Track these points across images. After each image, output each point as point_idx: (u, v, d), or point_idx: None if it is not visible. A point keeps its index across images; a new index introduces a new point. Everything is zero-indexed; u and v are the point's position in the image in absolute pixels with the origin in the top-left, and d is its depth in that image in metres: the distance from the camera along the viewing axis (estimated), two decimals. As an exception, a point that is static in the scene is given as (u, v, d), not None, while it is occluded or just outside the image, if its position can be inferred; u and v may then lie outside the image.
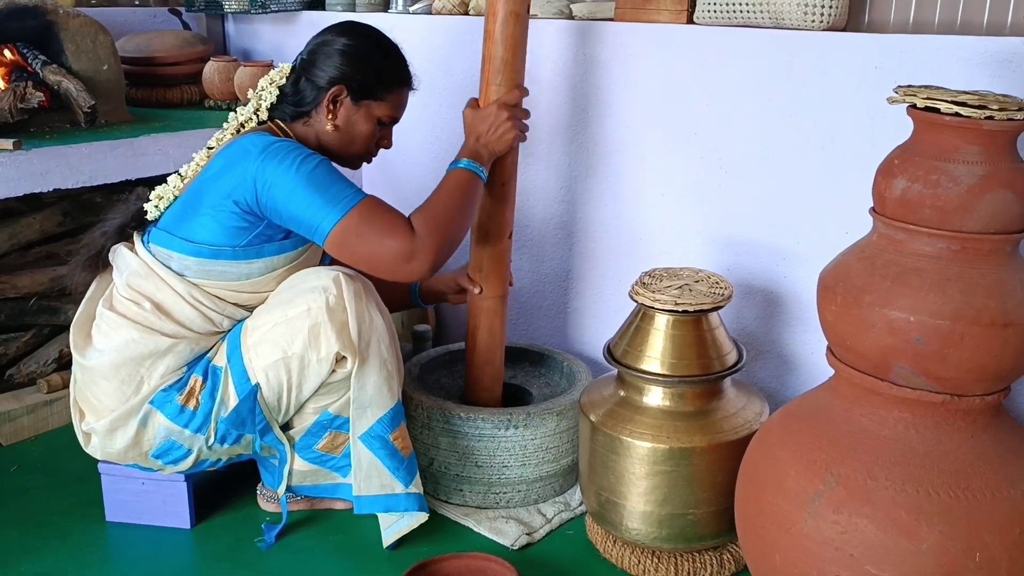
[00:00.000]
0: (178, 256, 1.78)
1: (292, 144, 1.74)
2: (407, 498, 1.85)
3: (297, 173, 1.68)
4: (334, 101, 1.83)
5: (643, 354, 1.75)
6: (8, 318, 2.37)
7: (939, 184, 1.32)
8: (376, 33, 1.90)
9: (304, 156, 1.71)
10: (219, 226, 1.75)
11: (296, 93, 1.85)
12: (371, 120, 1.87)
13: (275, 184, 1.69)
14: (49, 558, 1.85)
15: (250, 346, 1.78)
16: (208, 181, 1.77)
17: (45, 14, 2.50)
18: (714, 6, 2.03)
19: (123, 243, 1.86)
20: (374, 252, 1.70)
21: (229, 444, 1.83)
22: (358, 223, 1.69)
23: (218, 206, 1.74)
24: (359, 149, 1.90)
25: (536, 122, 2.42)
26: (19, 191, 2.20)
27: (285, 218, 1.72)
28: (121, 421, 1.79)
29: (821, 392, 1.55)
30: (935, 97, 1.32)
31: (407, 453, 1.86)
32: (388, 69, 1.87)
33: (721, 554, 1.82)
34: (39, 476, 2.15)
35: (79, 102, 2.44)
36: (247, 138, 1.76)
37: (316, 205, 1.68)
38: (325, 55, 1.83)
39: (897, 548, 1.31)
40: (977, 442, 1.37)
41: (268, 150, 1.71)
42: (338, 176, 1.72)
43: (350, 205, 1.69)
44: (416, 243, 1.69)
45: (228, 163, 1.75)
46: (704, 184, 2.11)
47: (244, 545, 1.91)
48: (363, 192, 1.73)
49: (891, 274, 1.35)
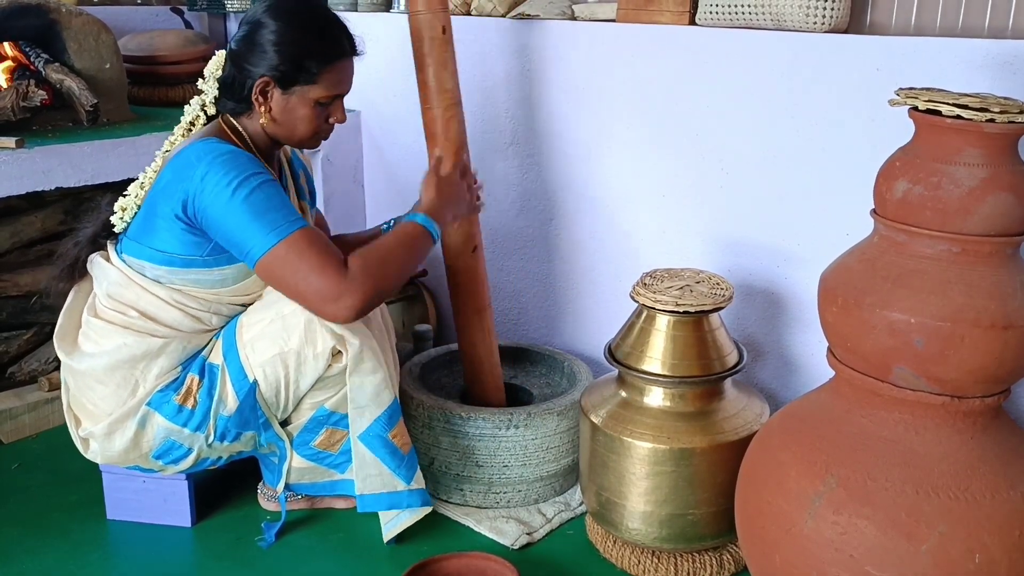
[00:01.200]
0: (150, 266, 1.76)
1: (234, 161, 1.67)
2: (409, 495, 1.86)
3: (232, 197, 1.64)
4: (263, 93, 1.74)
5: (644, 355, 1.75)
6: (10, 316, 2.37)
7: (940, 186, 1.32)
8: (307, 11, 1.77)
9: (243, 178, 1.65)
10: (176, 238, 1.72)
11: (231, 86, 1.78)
12: (307, 104, 1.76)
13: (210, 205, 1.65)
14: (50, 556, 1.86)
15: (246, 343, 1.78)
16: (159, 193, 1.72)
17: (48, 12, 2.50)
18: (716, 7, 2.03)
19: (98, 253, 1.85)
20: (300, 285, 1.66)
21: (229, 441, 1.83)
22: (286, 253, 1.64)
23: (169, 219, 1.71)
24: (305, 132, 1.80)
25: (537, 123, 2.42)
26: (21, 189, 2.20)
27: (219, 238, 1.69)
28: (119, 424, 1.79)
29: (821, 393, 1.55)
30: (936, 99, 1.32)
31: (406, 450, 1.86)
32: (316, 50, 1.74)
33: (721, 554, 1.82)
34: (40, 474, 2.15)
35: (81, 100, 2.44)
36: (192, 148, 1.70)
37: (249, 231, 1.64)
38: (252, 44, 1.73)
39: (897, 549, 1.32)
40: (977, 444, 1.37)
41: (211, 166, 1.65)
42: (277, 203, 1.67)
43: (284, 234, 1.64)
44: (345, 285, 1.65)
45: (174, 176, 1.70)
46: (705, 185, 2.11)
47: (245, 543, 1.91)
48: (301, 221, 1.68)
49: (892, 276, 1.36)
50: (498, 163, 2.54)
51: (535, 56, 2.37)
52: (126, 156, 2.37)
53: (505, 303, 2.63)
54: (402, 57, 2.68)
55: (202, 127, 1.83)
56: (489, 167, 2.57)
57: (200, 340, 1.82)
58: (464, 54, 2.53)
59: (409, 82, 2.68)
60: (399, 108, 2.12)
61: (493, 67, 2.47)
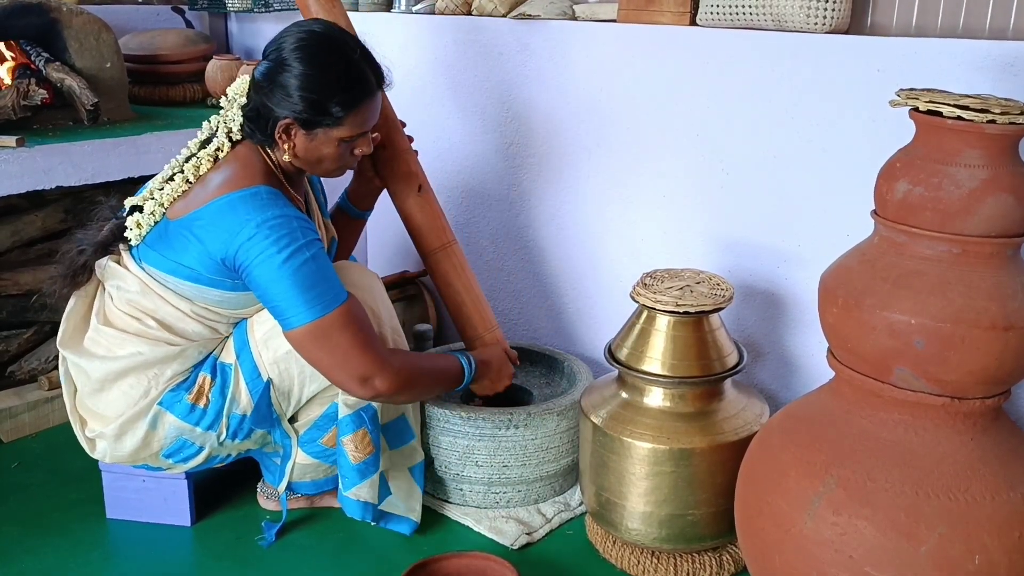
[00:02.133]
0: (174, 280, 1.74)
1: (286, 227, 1.65)
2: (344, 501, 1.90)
3: (282, 267, 1.63)
4: (286, 132, 1.73)
5: (644, 355, 1.75)
6: (10, 315, 2.37)
7: (941, 187, 1.32)
8: (334, 52, 1.73)
9: (294, 249, 1.64)
10: (204, 266, 1.71)
11: (255, 120, 1.75)
12: (331, 143, 1.75)
13: (255, 267, 1.65)
14: (50, 555, 1.86)
15: (259, 340, 1.78)
16: (194, 227, 1.70)
17: (49, 12, 2.51)
18: (717, 8, 2.03)
19: (109, 257, 1.81)
20: (336, 359, 1.68)
21: (241, 439, 1.83)
22: (328, 330, 1.66)
23: (204, 253, 1.69)
24: (330, 167, 1.81)
25: (538, 122, 2.42)
26: (22, 188, 2.20)
27: (258, 296, 1.70)
28: (130, 425, 1.78)
29: (821, 394, 1.55)
30: (937, 100, 1.32)
31: (355, 460, 1.85)
32: (340, 95, 1.71)
33: (720, 555, 1.82)
34: (40, 473, 2.15)
35: (82, 100, 2.44)
36: (240, 201, 1.67)
37: (292, 302, 1.64)
38: (276, 84, 1.71)
39: (896, 550, 1.32)
40: (977, 445, 1.37)
41: (259, 229, 1.64)
42: (323, 275, 1.67)
43: (326, 311, 1.65)
44: (377, 369, 1.69)
45: (217, 224, 1.68)
46: (706, 186, 2.11)
47: (244, 543, 1.91)
48: (342, 295, 1.68)
49: (892, 277, 1.36)
50: (498, 163, 2.54)
51: (536, 56, 2.37)
52: (127, 155, 2.37)
53: (505, 303, 2.64)
54: (403, 57, 2.68)
55: (232, 153, 1.77)
56: (489, 167, 2.57)
57: (213, 344, 1.82)
58: (464, 54, 2.53)
59: (410, 82, 2.69)
60: (400, 106, 2.12)
61: (493, 67, 2.47)
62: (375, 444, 1.85)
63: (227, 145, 1.78)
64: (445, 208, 2.18)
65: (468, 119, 2.58)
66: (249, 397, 1.79)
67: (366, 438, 1.84)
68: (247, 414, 1.81)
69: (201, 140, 1.81)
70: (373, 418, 1.84)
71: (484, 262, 2.64)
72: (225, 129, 1.78)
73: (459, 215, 2.66)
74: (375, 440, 1.85)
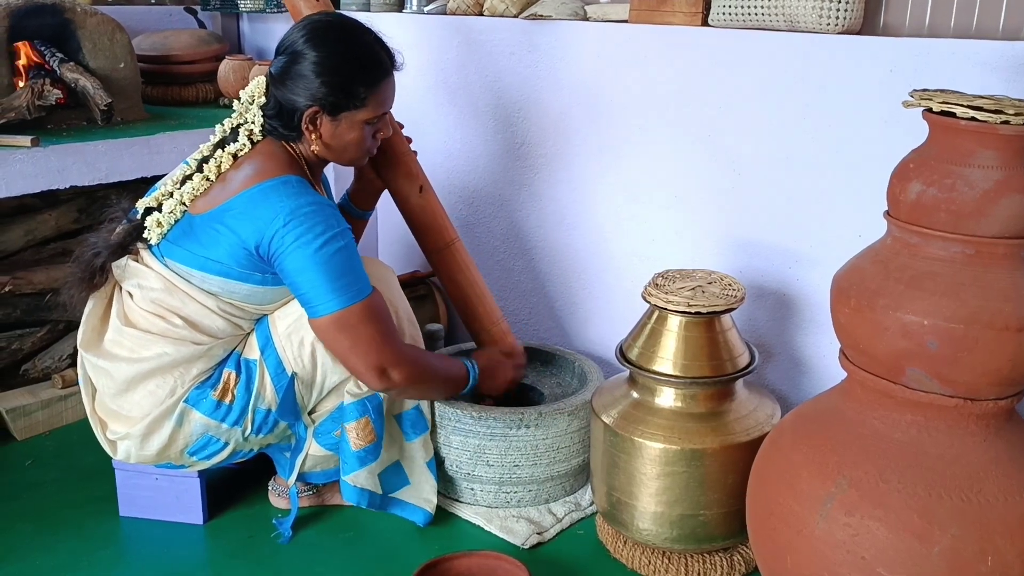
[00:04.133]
0: (200, 275, 1.75)
1: (320, 214, 1.68)
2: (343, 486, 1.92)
3: (315, 255, 1.66)
4: (312, 122, 1.77)
5: (655, 355, 1.75)
6: (24, 313, 2.39)
7: (954, 188, 1.32)
8: (346, 35, 1.79)
9: (328, 237, 1.67)
10: (233, 258, 1.72)
11: (277, 116, 1.78)
12: (356, 127, 1.79)
13: (288, 254, 1.67)
14: (63, 552, 1.87)
15: (281, 335, 1.79)
16: (226, 218, 1.71)
17: (63, 12, 2.52)
18: (729, 8, 2.03)
19: (128, 256, 1.81)
20: (356, 349, 1.71)
21: (264, 434, 1.85)
22: (353, 320, 1.69)
23: (234, 244, 1.71)
24: (356, 153, 1.85)
25: (549, 123, 2.42)
26: (36, 188, 2.21)
27: (287, 283, 1.72)
28: (157, 424, 1.78)
29: (833, 395, 1.55)
30: (951, 101, 1.31)
31: (356, 447, 1.86)
32: (360, 75, 1.76)
33: (732, 555, 1.82)
34: (53, 471, 2.17)
35: (96, 100, 2.46)
36: (273, 189, 1.70)
37: (321, 289, 1.68)
38: (295, 75, 1.74)
39: (909, 551, 1.31)
40: (990, 446, 1.37)
41: (293, 216, 1.66)
42: (352, 265, 1.71)
43: (352, 301, 1.69)
44: (398, 362, 1.74)
45: (249, 213, 1.70)
46: (717, 186, 2.11)
47: (256, 541, 1.92)
48: (368, 288, 1.72)
49: (905, 278, 1.35)
50: (510, 163, 2.54)
51: (547, 56, 2.38)
52: (140, 155, 2.39)
53: (516, 303, 2.64)
54: (416, 56, 2.69)
55: (255, 150, 1.79)
56: (500, 167, 2.57)
57: (236, 342, 1.84)
58: (476, 54, 2.54)
59: (422, 82, 2.69)
60: (412, 106, 2.13)
61: (505, 67, 2.47)
62: (377, 434, 1.87)
63: (248, 147, 1.79)
64: (455, 208, 2.19)
65: (479, 119, 2.59)
66: (274, 392, 1.81)
67: (368, 426, 1.85)
68: (272, 408, 1.82)
69: (216, 142, 1.82)
70: (377, 408, 1.86)
71: (495, 262, 2.65)
72: (246, 131, 1.79)
73: (469, 215, 2.66)
74: (377, 430, 1.87)
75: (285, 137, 1.81)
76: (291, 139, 1.81)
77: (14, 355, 2.39)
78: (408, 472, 1.95)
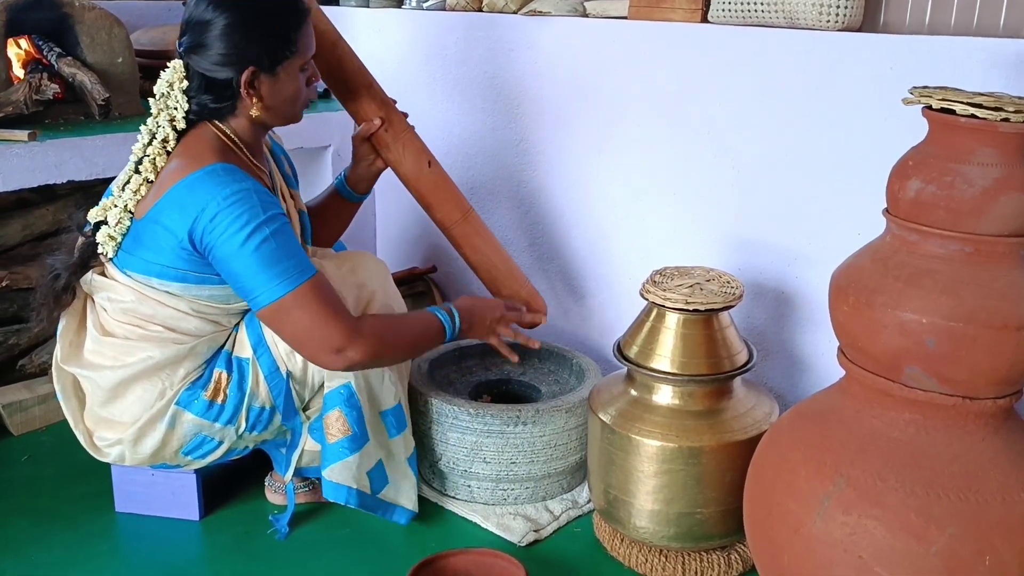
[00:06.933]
0: (158, 281, 1.71)
1: (246, 202, 1.61)
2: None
3: (244, 245, 1.60)
4: (251, 85, 1.68)
5: (653, 352, 1.75)
6: (21, 309, 2.38)
7: (953, 186, 1.32)
8: None
9: (256, 224, 1.61)
10: (183, 261, 1.68)
11: (207, 92, 1.69)
12: (294, 76, 1.72)
13: (219, 246, 1.61)
14: (59, 548, 1.86)
15: (272, 333, 1.77)
16: (160, 219, 1.66)
17: (61, 6, 2.52)
18: (729, 5, 2.02)
19: (93, 271, 1.77)
20: (306, 333, 1.65)
21: (259, 431, 1.84)
22: (292, 304, 1.62)
23: (175, 247, 1.66)
24: (296, 108, 1.78)
25: (548, 119, 2.42)
26: (34, 182, 2.21)
27: (225, 277, 1.67)
28: (148, 427, 1.77)
29: (831, 393, 1.54)
30: (950, 99, 1.31)
31: (330, 440, 1.84)
32: (285, 20, 1.68)
33: (729, 554, 1.82)
34: (49, 466, 2.16)
35: (93, 94, 2.45)
36: (199, 181, 1.63)
37: (257, 279, 1.62)
38: (213, 43, 1.65)
39: (906, 550, 1.31)
40: (988, 445, 1.36)
41: (221, 207, 1.60)
42: (288, 251, 1.63)
43: (292, 286, 1.62)
44: (349, 339, 1.65)
45: (179, 207, 1.64)
46: (716, 183, 2.11)
47: (252, 537, 1.91)
48: (310, 270, 1.65)
49: (904, 275, 1.35)
50: (509, 160, 2.54)
51: (546, 53, 2.37)
52: (137, 150, 2.38)
53: (514, 300, 2.63)
54: (414, 52, 2.68)
55: (181, 143, 1.72)
56: (499, 163, 2.57)
57: (221, 337, 1.82)
58: (475, 50, 2.53)
59: (421, 77, 2.69)
60: (411, 102, 2.13)
61: (504, 63, 2.47)
62: (352, 427, 1.83)
63: (173, 135, 1.71)
64: (454, 205, 2.18)
65: (478, 116, 2.58)
66: (268, 390, 1.80)
67: (341, 418, 1.82)
68: (266, 407, 1.81)
69: (144, 143, 1.73)
70: (349, 399, 1.82)
71: (493, 259, 2.64)
72: (167, 118, 1.70)
73: (468, 212, 2.66)
74: (351, 422, 1.83)
75: (216, 113, 1.72)
76: (223, 114, 1.72)
77: (11, 350, 2.38)
78: (389, 471, 1.92)
